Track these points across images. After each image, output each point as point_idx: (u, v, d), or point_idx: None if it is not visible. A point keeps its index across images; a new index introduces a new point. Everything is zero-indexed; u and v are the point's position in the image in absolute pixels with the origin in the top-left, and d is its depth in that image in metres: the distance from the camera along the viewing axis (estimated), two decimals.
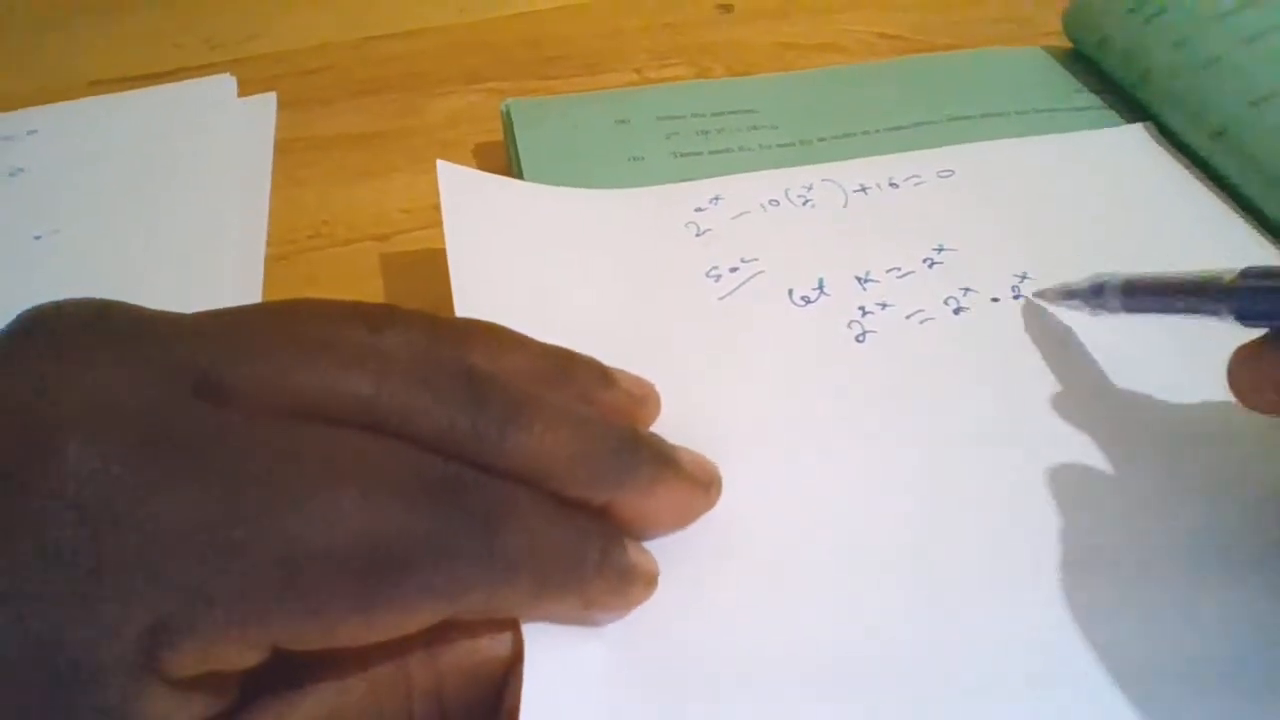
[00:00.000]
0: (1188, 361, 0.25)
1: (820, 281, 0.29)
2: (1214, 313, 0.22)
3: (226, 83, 0.39)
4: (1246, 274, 0.21)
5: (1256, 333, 0.21)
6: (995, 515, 0.23)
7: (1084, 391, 0.25)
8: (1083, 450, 0.24)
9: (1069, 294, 0.27)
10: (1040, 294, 0.28)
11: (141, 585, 0.15)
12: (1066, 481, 0.23)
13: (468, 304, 0.26)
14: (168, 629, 0.15)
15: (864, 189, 0.32)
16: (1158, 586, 0.21)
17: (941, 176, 0.33)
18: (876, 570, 0.22)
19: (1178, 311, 0.23)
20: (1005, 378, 0.26)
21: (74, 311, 0.18)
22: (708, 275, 0.29)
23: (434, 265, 0.28)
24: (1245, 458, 0.24)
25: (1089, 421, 0.25)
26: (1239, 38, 0.33)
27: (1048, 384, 0.26)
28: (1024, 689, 0.20)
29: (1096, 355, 0.26)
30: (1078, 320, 0.27)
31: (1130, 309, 0.25)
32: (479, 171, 0.32)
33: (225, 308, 0.19)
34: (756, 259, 0.29)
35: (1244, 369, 0.21)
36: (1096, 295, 0.26)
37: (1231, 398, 0.22)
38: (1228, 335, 0.21)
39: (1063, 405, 0.25)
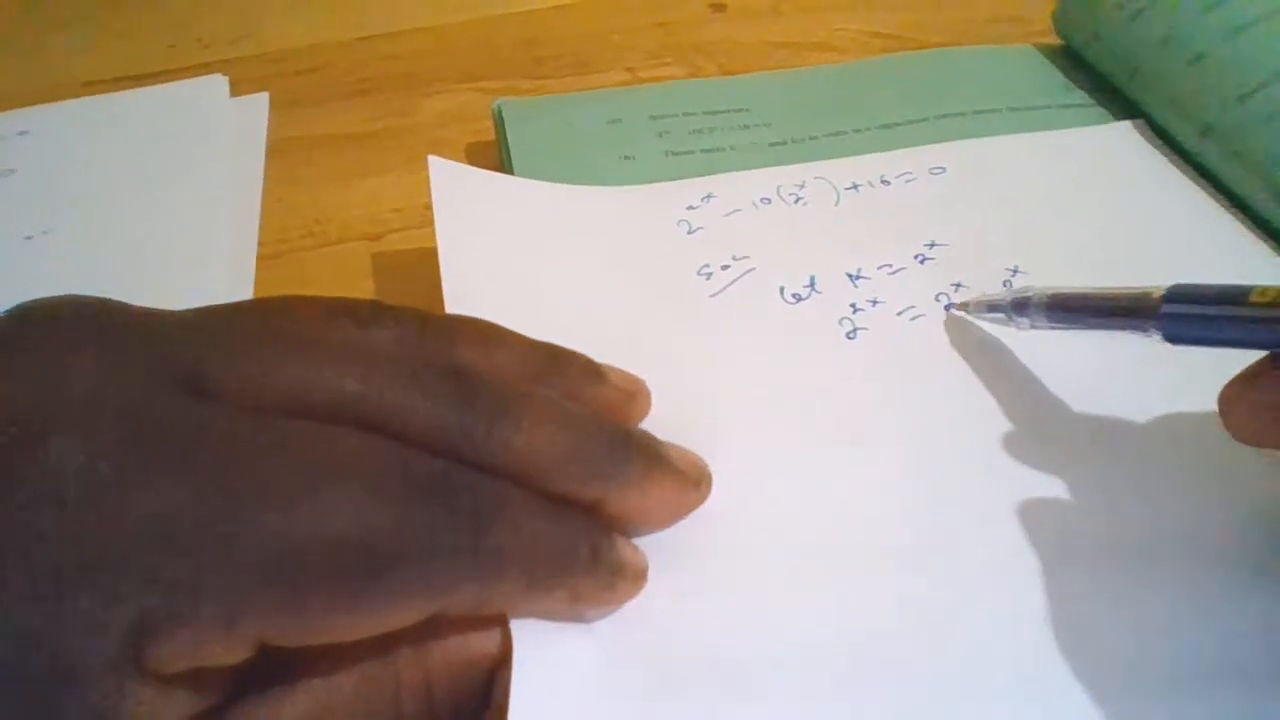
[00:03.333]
0: (1179, 355, 0.26)
1: (811, 279, 0.29)
2: (1141, 330, 0.21)
3: (219, 83, 0.39)
4: (1174, 295, 0.21)
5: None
6: (985, 512, 0.23)
7: (1077, 387, 0.25)
8: (1074, 446, 0.24)
9: (991, 307, 0.26)
10: (962, 306, 0.27)
11: (127, 581, 0.15)
12: (1057, 478, 0.23)
13: (458, 298, 0.26)
14: (153, 625, 0.15)
15: (856, 186, 0.32)
16: (1149, 583, 0.21)
17: (933, 173, 0.33)
18: (866, 567, 0.22)
19: (1105, 329, 0.23)
20: (996, 373, 0.26)
21: (61, 308, 0.18)
22: (699, 273, 0.29)
23: (426, 264, 0.28)
24: (1236, 453, 0.24)
25: (1081, 418, 0.25)
26: (1223, 31, 0.33)
27: (1039, 380, 0.26)
28: (1011, 687, 0.20)
29: (1088, 351, 0.26)
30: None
31: (1056, 324, 0.24)
32: (470, 167, 0.32)
33: (214, 305, 0.19)
34: (748, 256, 0.29)
35: (1237, 398, 0.20)
36: (1020, 310, 0.25)
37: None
38: None
39: (1054, 401, 0.25)
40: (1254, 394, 0.20)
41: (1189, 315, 0.20)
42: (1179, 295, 0.21)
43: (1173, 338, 0.21)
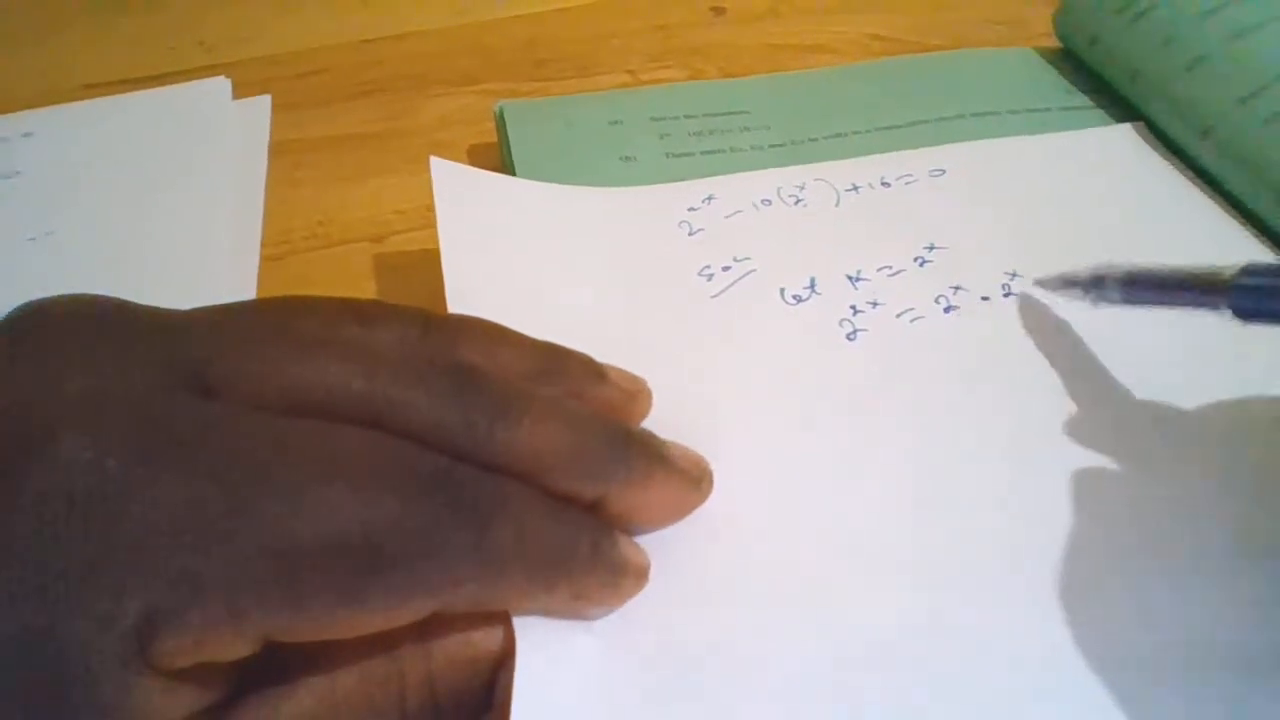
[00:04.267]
0: (1180, 360, 0.26)
1: (812, 280, 0.29)
2: (1213, 307, 0.22)
3: (221, 85, 0.39)
4: (1247, 270, 0.21)
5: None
6: (984, 511, 0.23)
7: (1072, 389, 0.26)
8: (1070, 447, 0.24)
9: (1069, 283, 0.27)
10: (1041, 282, 0.28)
11: (134, 576, 0.15)
12: (1054, 477, 0.23)
13: (460, 298, 0.26)
14: (159, 620, 0.15)
15: (856, 188, 0.32)
16: (1149, 580, 0.21)
17: (933, 175, 0.33)
18: (866, 566, 0.22)
19: (1177, 305, 0.23)
20: (994, 376, 0.26)
21: (67, 306, 0.18)
22: (700, 274, 0.29)
23: (428, 266, 0.28)
24: (1228, 450, 0.24)
25: (1077, 419, 0.25)
26: (1225, 35, 0.33)
27: (1036, 382, 0.26)
28: (1015, 688, 0.20)
29: (1085, 355, 0.26)
30: (1069, 316, 0.27)
31: (1130, 301, 0.25)
32: (472, 168, 0.32)
33: (218, 305, 0.19)
34: (749, 258, 0.30)
35: None
36: (1097, 286, 0.26)
37: (1223, 394, 0.21)
38: (1225, 333, 0.22)
39: (1051, 403, 0.25)
40: None
41: (1264, 288, 0.21)
42: (1254, 270, 0.21)
43: (1242, 311, 0.21)
